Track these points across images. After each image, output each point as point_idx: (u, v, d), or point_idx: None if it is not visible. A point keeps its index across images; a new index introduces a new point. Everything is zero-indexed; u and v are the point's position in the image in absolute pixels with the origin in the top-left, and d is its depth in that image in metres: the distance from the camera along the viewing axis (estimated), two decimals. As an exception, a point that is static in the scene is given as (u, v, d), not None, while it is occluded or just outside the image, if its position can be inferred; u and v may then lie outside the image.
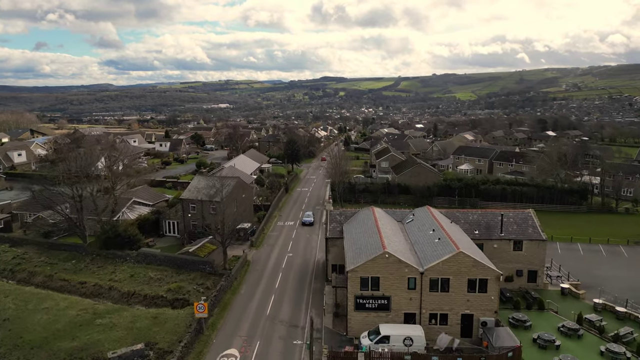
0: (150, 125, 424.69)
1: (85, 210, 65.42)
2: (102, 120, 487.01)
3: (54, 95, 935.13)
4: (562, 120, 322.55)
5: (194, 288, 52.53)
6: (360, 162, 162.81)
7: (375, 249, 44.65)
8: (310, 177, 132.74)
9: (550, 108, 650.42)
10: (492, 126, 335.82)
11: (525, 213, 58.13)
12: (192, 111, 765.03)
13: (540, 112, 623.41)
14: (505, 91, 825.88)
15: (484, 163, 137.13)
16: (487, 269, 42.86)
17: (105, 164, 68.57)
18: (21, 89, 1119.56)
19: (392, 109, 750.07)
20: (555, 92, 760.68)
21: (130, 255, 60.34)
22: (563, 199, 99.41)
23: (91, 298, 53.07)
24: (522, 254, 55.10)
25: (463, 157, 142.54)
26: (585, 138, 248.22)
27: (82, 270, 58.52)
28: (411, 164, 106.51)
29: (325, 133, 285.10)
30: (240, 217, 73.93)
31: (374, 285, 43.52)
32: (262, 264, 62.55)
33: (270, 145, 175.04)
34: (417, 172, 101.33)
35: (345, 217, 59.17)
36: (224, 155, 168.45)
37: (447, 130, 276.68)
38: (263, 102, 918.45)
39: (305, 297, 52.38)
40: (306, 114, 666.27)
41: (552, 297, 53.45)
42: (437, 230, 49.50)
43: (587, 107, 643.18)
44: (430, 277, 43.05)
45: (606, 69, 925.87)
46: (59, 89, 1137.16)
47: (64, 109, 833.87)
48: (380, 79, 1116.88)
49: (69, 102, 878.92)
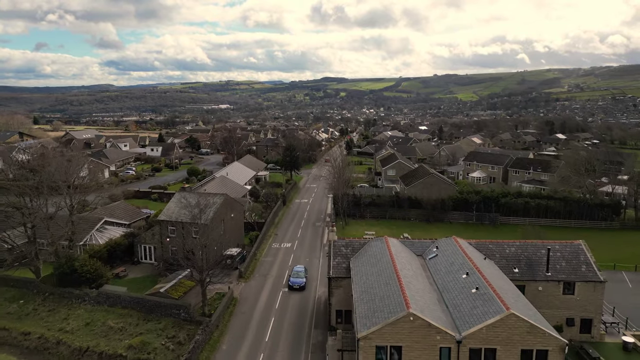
0: (148, 126, 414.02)
1: (42, 234, 54.28)
2: (100, 122, 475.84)
3: (53, 95, 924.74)
4: (570, 122, 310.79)
5: (161, 344, 41.17)
6: (364, 168, 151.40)
7: (395, 305, 33.28)
8: (310, 185, 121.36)
9: (553, 109, 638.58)
10: (497, 128, 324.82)
11: (575, 245, 46.68)
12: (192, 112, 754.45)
13: (544, 113, 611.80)
14: (507, 92, 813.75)
15: (498, 171, 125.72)
16: (548, 337, 31.49)
17: (62, 179, 56.65)
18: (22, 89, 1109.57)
19: (394, 110, 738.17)
20: (557, 93, 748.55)
21: (89, 295, 48.98)
22: (593, 214, 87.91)
23: (34, 356, 41.73)
24: (573, 299, 43.74)
25: (475, 164, 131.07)
26: (595, 141, 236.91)
27: (29, 315, 47.18)
28: (422, 175, 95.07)
29: (327, 135, 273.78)
30: (228, 242, 62.60)
31: (394, 356, 32.18)
32: (250, 304, 51.20)
33: (269, 149, 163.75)
34: (430, 184, 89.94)
35: (352, 249, 47.77)
36: (220, 160, 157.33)
37: (452, 132, 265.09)
38: (264, 103, 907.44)
39: (302, 358, 40.98)
40: (307, 115, 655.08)
41: (613, 353, 42.11)
42: (472, 273, 38.12)
43: (590, 108, 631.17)
44: (471, 346, 31.70)
45: (608, 69, 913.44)
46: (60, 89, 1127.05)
47: (64, 109, 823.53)
48: (381, 80, 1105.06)
49: (69, 102, 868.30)
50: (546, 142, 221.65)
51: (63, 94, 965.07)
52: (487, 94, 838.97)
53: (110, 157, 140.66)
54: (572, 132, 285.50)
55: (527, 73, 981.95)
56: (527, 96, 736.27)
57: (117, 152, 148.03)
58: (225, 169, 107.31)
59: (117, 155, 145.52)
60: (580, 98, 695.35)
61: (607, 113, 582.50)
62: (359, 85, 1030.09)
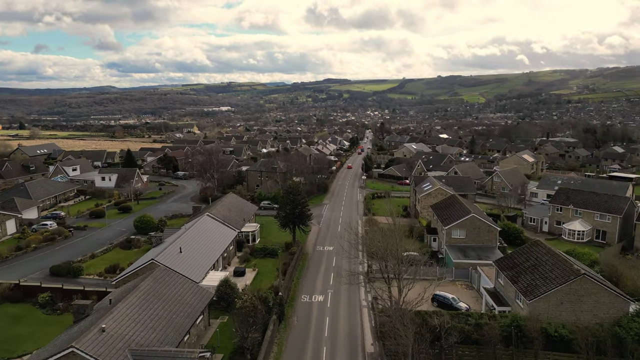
0: (137, 132, 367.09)
1: None
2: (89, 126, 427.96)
3: (52, 97, 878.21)
4: (613, 129, 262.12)
5: None
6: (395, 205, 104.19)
7: None
8: (326, 248, 74.04)
9: (566, 111, 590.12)
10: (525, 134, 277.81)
11: None
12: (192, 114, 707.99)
13: (557, 115, 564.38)
14: (514, 93, 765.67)
15: (613, 222, 78.61)
16: None
17: None
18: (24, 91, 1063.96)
19: (399, 112, 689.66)
20: (568, 95, 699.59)
21: None
22: None
23: None
24: None
25: (571, 208, 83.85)
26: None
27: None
28: (536, 254, 47.73)
29: (335, 146, 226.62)
30: None
31: None
32: None
33: (263, 176, 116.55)
34: (579, 295, 42.48)
35: None
36: (197, 192, 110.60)
37: (484, 143, 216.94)
38: (265, 105, 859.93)
39: None
40: (310, 118, 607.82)
41: None
42: None
43: (605, 110, 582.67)
44: None
45: (616, 70, 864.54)
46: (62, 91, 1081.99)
47: (62, 112, 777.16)
48: (384, 81, 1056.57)
49: (68, 105, 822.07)
50: (607, 159, 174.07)
51: (62, 95, 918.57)
52: (493, 95, 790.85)
53: (35, 194, 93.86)
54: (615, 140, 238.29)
55: (533, 74, 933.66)
56: (537, 98, 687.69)
57: (48, 186, 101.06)
58: (188, 233, 60.41)
59: (47, 190, 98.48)
60: (593, 100, 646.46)
61: (625, 116, 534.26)
62: (362, 87, 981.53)
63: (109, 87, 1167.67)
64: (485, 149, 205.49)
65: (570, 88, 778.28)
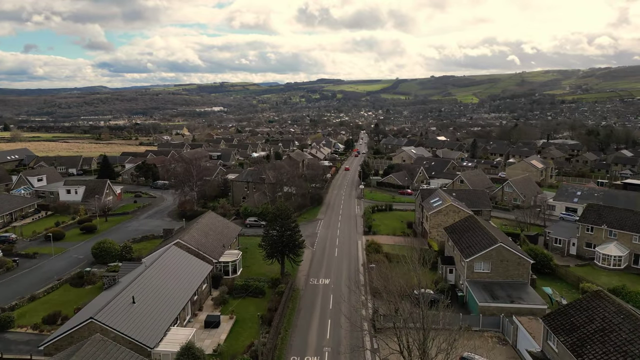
0: (125, 134, 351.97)
1: None
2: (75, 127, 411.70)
3: (42, 98, 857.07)
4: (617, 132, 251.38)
5: None
6: (394, 221, 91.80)
7: None
8: (321, 281, 61.12)
9: (560, 112, 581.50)
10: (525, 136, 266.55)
11: None
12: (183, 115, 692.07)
13: (552, 115, 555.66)
14: (507, 93, 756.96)
15: (654, 245, 66.64)
16: None
17: None
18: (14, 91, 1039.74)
19: (393, 112, 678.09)
20: (561, 95, 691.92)
21: None
22: None
23: None
24: None
25: (604, 229, 71.75)
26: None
27: None
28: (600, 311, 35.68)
29: (329, 150, 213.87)
30: None
31: None
32: None
33: (250, 188, 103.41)
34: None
35: None
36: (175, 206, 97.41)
37: (485, 146, 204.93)
38: (258, 105, 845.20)
39: None
40: (303, 118, 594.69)
41: None
42: None
43: (600, 110, 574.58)
44: None
45: (608, 70, 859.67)
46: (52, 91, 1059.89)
47: (52, 112, 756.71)
48: (377, 81, 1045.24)
49: (57, 105, 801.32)
50: (617, 163, 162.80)
51: (52, 95, 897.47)
52: (486, 95, 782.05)
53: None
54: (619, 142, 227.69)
55: (526, 74, 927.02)
56: (531, 98, 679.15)
57: (2, 201, 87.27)
58: (151, 269, 47.47)
59: (3, 205, 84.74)
60: (587, 100, 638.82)
61: (620, 116, 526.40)
62: (356, 87, 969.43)
63: (100, 87, 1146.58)
64: (487, 152, 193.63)
65: (563, 88, 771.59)
